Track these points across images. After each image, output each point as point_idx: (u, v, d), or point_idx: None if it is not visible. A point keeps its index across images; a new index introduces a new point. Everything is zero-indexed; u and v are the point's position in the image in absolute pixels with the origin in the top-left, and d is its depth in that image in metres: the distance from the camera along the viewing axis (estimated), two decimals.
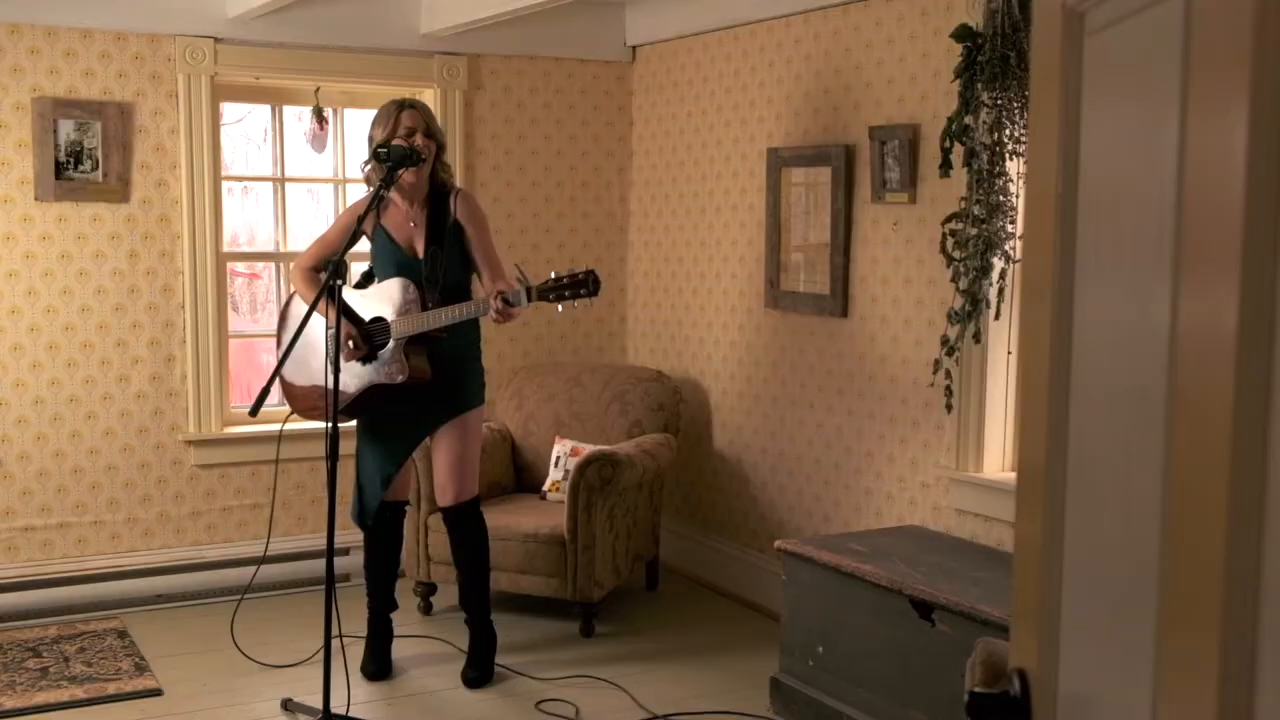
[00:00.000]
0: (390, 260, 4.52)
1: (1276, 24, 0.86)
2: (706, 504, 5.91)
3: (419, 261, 4.48)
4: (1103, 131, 1.27)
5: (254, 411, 3.94)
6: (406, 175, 4.43)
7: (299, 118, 5.89)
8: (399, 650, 4.90)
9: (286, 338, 4.49)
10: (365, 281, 4.61)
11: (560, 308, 4.26)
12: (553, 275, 4.32)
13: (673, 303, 6.08)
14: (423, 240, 4.49)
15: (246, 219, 6.17)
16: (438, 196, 4.53)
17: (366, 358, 4.43)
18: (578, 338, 6.31)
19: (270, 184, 5.89)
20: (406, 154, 4.30)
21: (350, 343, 4.36)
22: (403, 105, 4.48)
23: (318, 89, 5.72)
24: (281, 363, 4.13)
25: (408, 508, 4.89)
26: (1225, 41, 0.92)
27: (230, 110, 6.02)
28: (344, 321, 4.33)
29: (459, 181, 5.86)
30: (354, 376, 4.43)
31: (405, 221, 4.52)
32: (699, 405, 5.91)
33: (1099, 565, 1.26)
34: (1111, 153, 1.24)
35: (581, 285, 4.17)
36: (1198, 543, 0.96)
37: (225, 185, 5.71)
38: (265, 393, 3.90)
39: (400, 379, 4.35)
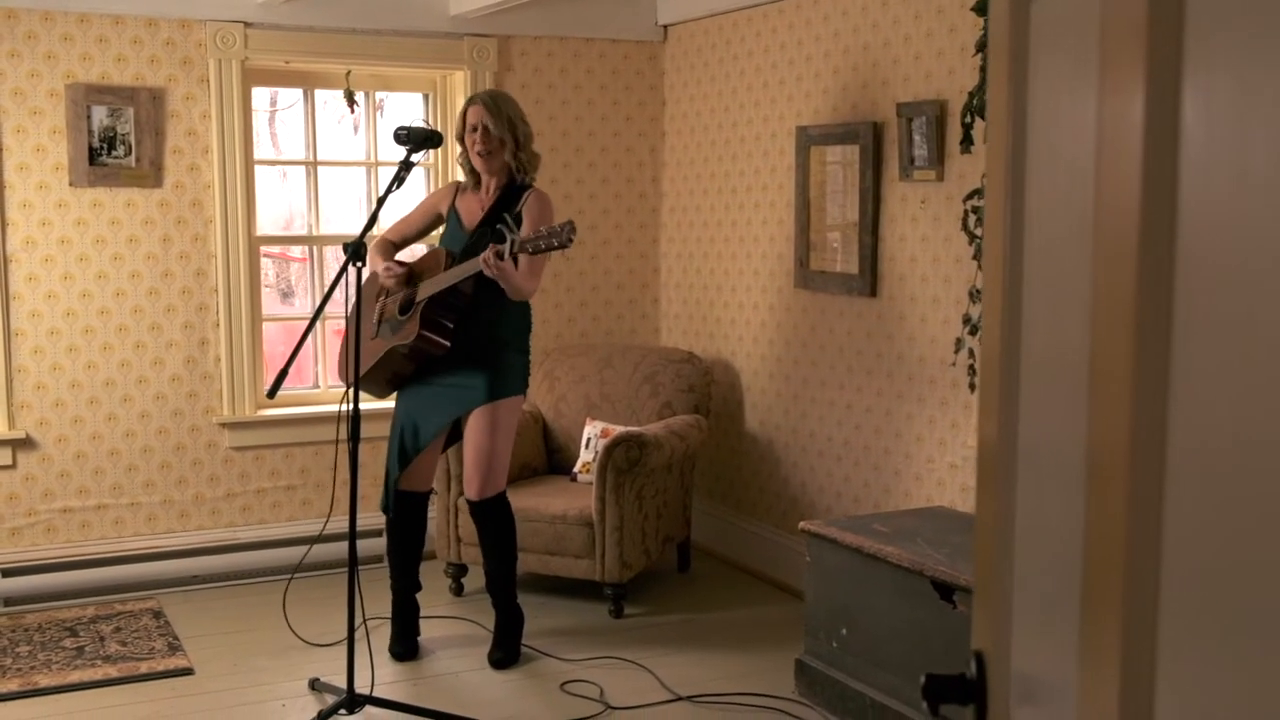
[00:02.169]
0: (454, 240, 4.60)
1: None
2: (739, 485, 5.89)
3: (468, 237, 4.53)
4: (1044, 102, 1.23)
5: (271, 394, 3.96)
6: (479, 166, 4.50)
7: (351, 108, 5.88)
8: (428, 631, 4.92)
9: (364, 312, 4.58)
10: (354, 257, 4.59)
11: (542, 259, 4.32)
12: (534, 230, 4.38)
13: (705, 284, 6.06)
14: (480, 221, 4.53)
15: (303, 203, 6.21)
16: (514, 189, 4.54)
17: (395, 322, 4.47)
18: (611, 319, 6.31)
19: (304, 168, 5.92)
20: (427, 136, 4.31)
21: (389, 273, 4.51)
22: (471, 100, 4.53)
23: (348, 72, 5.74)
24: (300, 343, 4.13)
25: (434, 495, 4.88)
26: (1128, 12, 0.89)
27: (284, 96, 6.07)
28: (384, 261, 4.57)
29: None
30: (384, 341, 4.50)
31: (476, 206, 4.58)
32: (730, 386, 5.89)
33: (1040, 545, 1.23)
34: (1051, 124, 1.21)
35: (553, 237, 4.12)
36: (1107, 516, 0.93)
37: (279, 170, 5.75)
38: (283, 375, 3.91)
39: (409, 341, 4.37)
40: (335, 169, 6.03)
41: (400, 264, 4.55)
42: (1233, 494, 0.75)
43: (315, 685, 4.47)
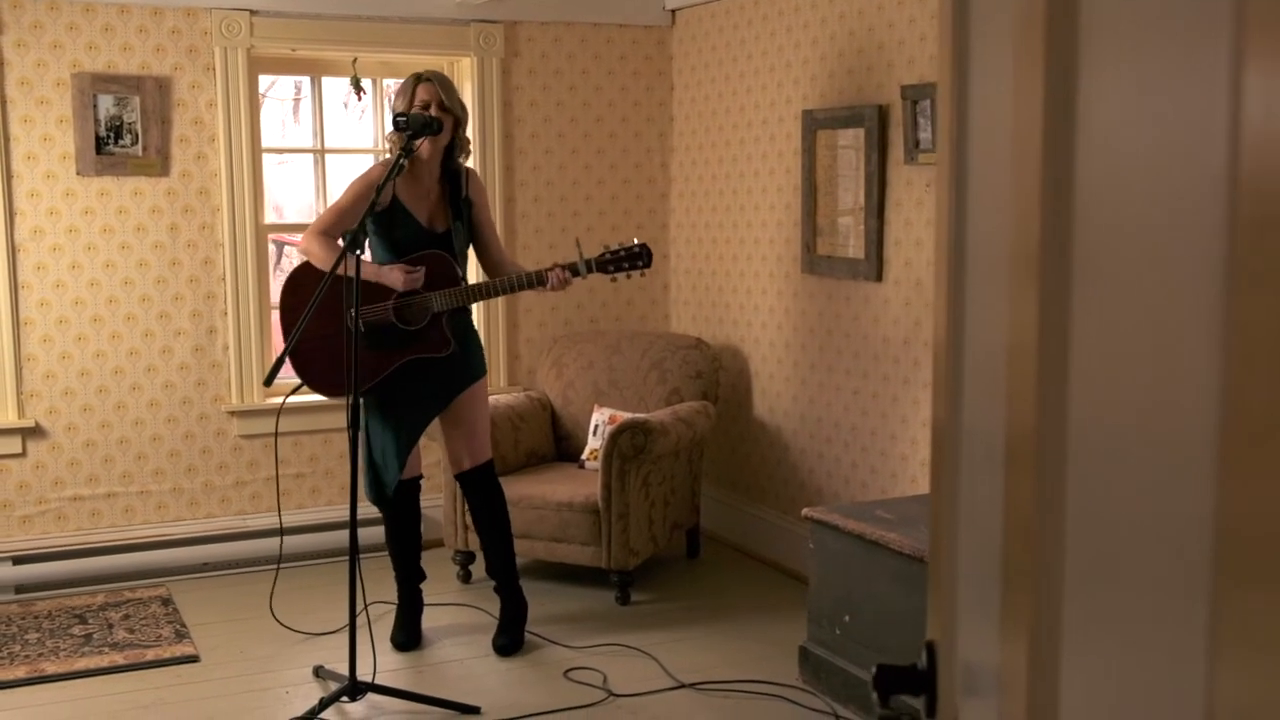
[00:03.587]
0: (406, 234, 4.47)
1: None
2: (748, 471, 5.87)
3: (440, 236, 4.48)
4: (980, 88, 1.21)
5: (268, 382, 3.96)
6: (424, 147, 4.42)
7: (358, 95, 5.88)
8: (436, 618, 4.93)
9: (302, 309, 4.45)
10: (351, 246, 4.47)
11: (613, 279, 4.47)
12: (606, 248, 4.52)
13: (714, 269, 6.03)
14: (444, 215, 4.50)
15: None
16: (452, 173, 4.53)
17: (398, 331, 4.41)
18: (620, 305, 6.28)
19: (310, 155, 5.92)
20: (426, 122, 4.29)
21: (405, 283, 4.37)
22: (419, 78, 4.47)
23: (355, 60, 5.73)
24: (297, 332, 4.12)
25: (423, 480, 4.85)
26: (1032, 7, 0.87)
27: (307, 84, 6.08)
28: (403, 270, 4.42)
29: (497, 149, 5.87)
30: (389, 352, 4.41)
31: (424, 195, 4.51)
32: (739, 372, 5.86)
33: (978, 534, 1.21)
34: (986, 112, 1.18)
35: (638, 258, 4.38)
36: (1020, 499, 0.91)
37: (306, 158, 5.78)
38: (280, 363, 3.91)
39: (446, 352, 4.41)
40: (346, 156, 6.03)
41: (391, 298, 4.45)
42: (1117, 467, 0.74)
43: (319, 673, 4.48)
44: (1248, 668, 0.60)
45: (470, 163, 4.85)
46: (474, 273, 5.25)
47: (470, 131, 5.07)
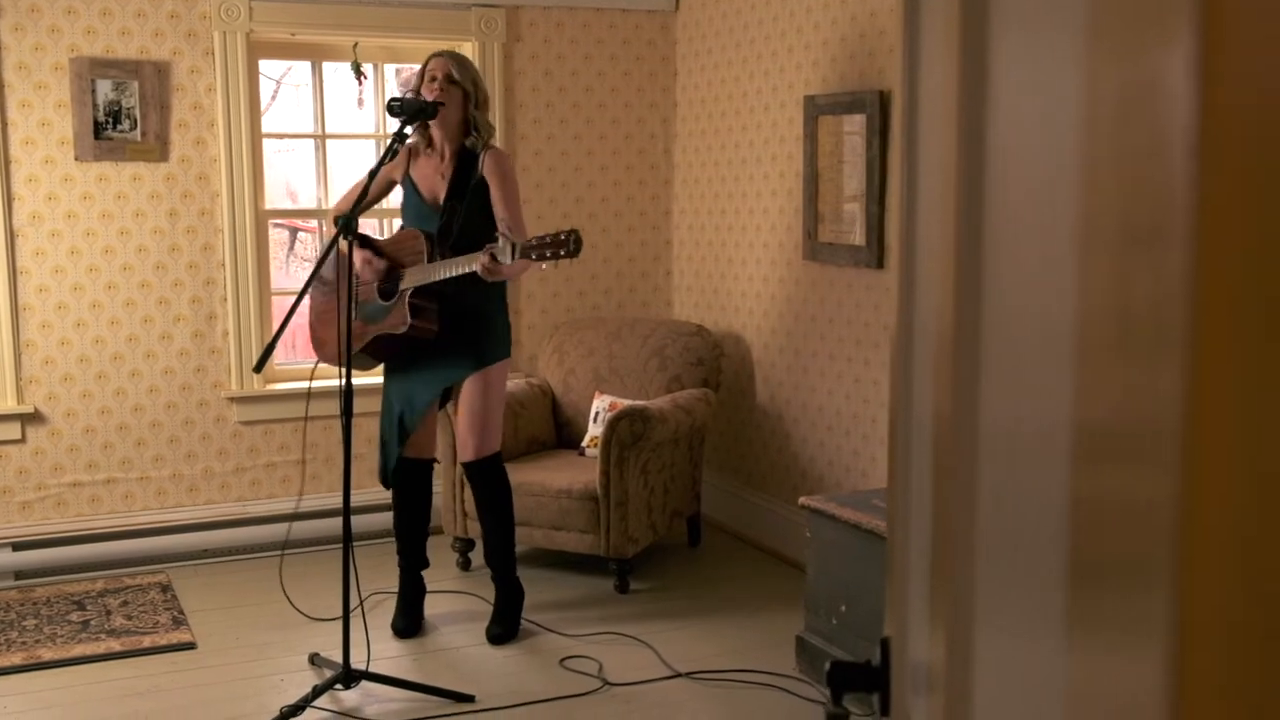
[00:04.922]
0: (413, 212, 4.54)
1: None
2: (749, 459, 5.83)
3: (438, 214, 4.47)
4: (926, 70, 1.18)
5: (258, 368, 3.94)
6: (434, 126, 4.42)
7: (359, 80, 5.84)
8: (433, 605, 4.91)
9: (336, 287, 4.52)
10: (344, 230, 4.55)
11: (544, 266, 4.16)
12: (538, 234, 4.29)
13: (716, 256, 5.99)
14: (445, 193, 4.47)
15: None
16: (469, 153, 4.49)
17: (377, 306, 4.43)
18: (623, 292, 6.25)
19: (313, 140, 5.89)
20: (420, 108, 4.27)
21: (368, 267, 4.44)
22: (433, 55, 4.46)
23: (355, 44, 5.70)
24: (287, 319, 4.09)
25: (437, 465, 4.86)
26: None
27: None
28: (364, 252, 4.45)
29: (500, 135, 5.83)
30: (367, 326, 4.45)
31: (434, 174, 4.51)
32: (741, 359, 5.82)
33: (921, 529, 1.18)
34: (932, 96, 1.15)
35: (562, 245, 4.05)
36: (941, 488, 0.88)
37: (321, 143, 5.78)
38: (269, 350, 3.88)
39: (401, 330, 4.34)
40: (348, 142, 6.00)
41: (377, 253, 4.50)
42: (1013, 461, 0.71)
43: (315, 660, 4.47)
44: (1094, 655, 0.59)
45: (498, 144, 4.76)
46: None
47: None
